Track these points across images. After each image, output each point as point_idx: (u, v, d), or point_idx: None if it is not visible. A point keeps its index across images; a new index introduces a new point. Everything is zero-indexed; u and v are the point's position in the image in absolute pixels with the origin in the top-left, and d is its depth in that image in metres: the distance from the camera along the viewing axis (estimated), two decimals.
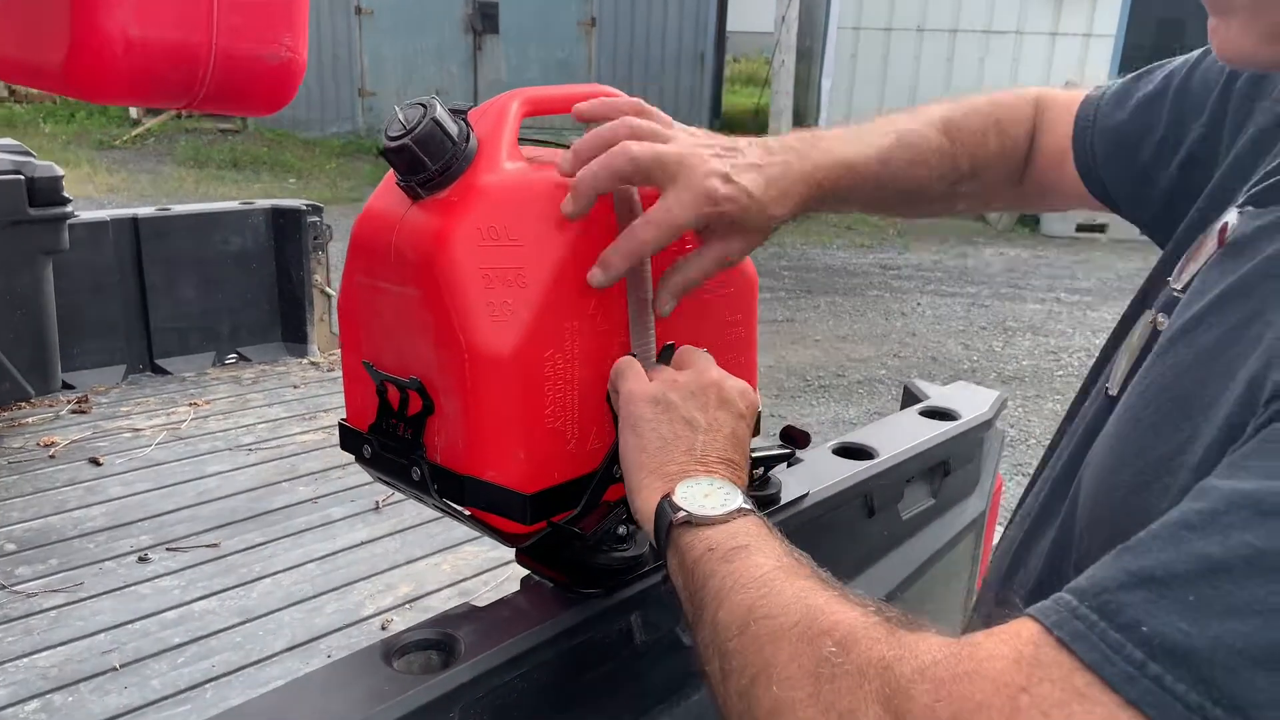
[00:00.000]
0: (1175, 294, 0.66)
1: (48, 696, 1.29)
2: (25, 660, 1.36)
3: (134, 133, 12.16)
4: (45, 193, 1.95)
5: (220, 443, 2.11)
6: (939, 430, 1.29)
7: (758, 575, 0.60)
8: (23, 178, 1.91)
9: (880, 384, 5.42)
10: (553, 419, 0.92)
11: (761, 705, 0.52)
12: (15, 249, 1.94)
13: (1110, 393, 0.70)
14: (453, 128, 0.89)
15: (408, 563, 1.65)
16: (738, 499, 0.69)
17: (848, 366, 5.70)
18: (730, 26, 15.43)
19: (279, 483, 1.92)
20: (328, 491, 1.89)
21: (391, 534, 1.73)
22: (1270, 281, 0.54)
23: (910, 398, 1.48)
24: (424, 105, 0.94)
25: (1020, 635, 0.44)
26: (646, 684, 0.95)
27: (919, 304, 7.02)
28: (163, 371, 2.50)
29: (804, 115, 12.02)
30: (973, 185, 0.94)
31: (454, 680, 0.80)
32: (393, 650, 0.82)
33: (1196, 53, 0.82)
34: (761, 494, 1.04)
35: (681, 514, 0.68)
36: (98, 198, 8.93)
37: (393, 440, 1.01)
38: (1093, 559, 0.46)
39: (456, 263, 0.86)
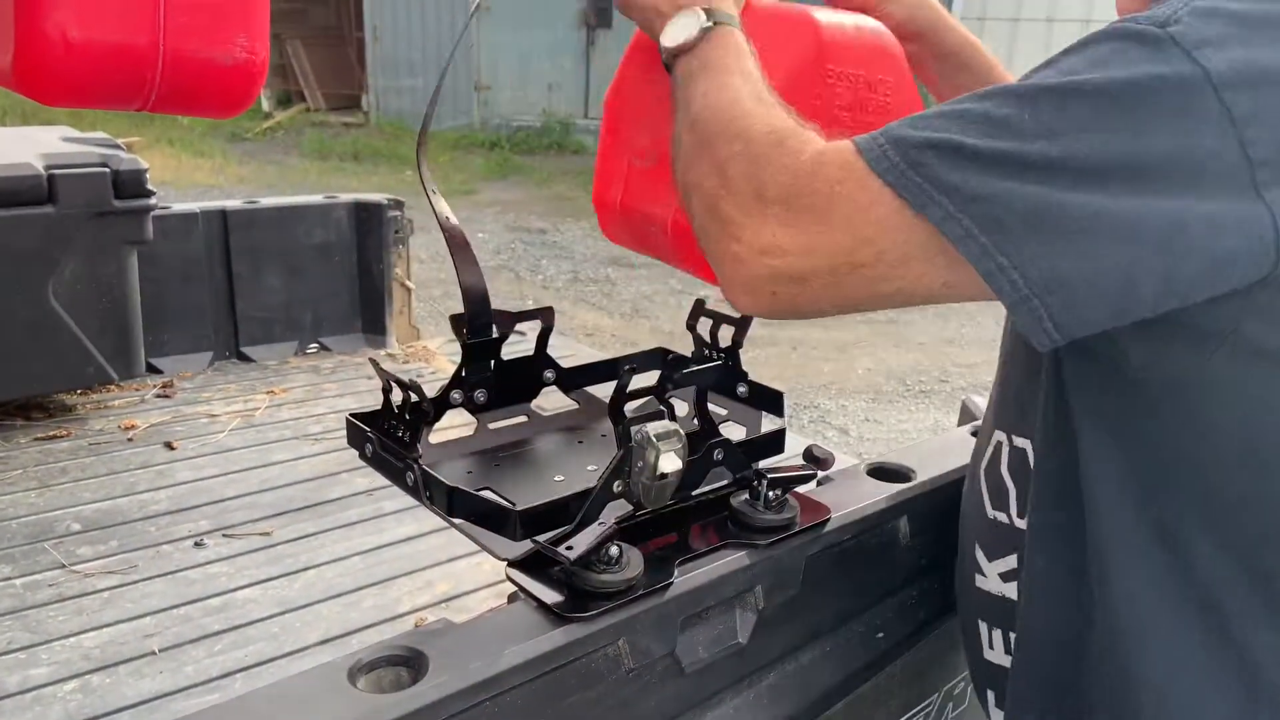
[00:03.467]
0: None
1: (87, 677, 1.33)
2: (72, 640, 1.41)
3: (264, 126, 12.71)
4: (130, 185, 2.02)
5: (289, 431, 2.16)
6: None
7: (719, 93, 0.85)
8: (109, 170, 1.99)
9: (985, 391, 5.19)
10: None
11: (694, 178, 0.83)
12: (100, 239, 2.02)
13: None
14: None
15: (449, 560, 1.65)
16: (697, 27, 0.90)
17: (952, 372, 5.48)
18: None
19: (338, 474, 1.95)
20: (383, 484, 1.90)
21: (437, 531, 1.73)
22: None
23: (967, 415, 1.38)
24: None
25: (846, 154, 0.74)
26: (635, 713, 0.90)
27: None
28: (247, 359, 2.58)
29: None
30: None
31: (416, 700, 0.77)
32: (359, 666, 0.80)
33: None
34: (777, 518, 0.98)
35: (665, 51, 0.92)
36: (228, 188, 9.37)
37: (392, 440, 0.99)
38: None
39: None
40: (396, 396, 1.00)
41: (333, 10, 14.40)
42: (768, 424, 1.12)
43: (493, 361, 1.12)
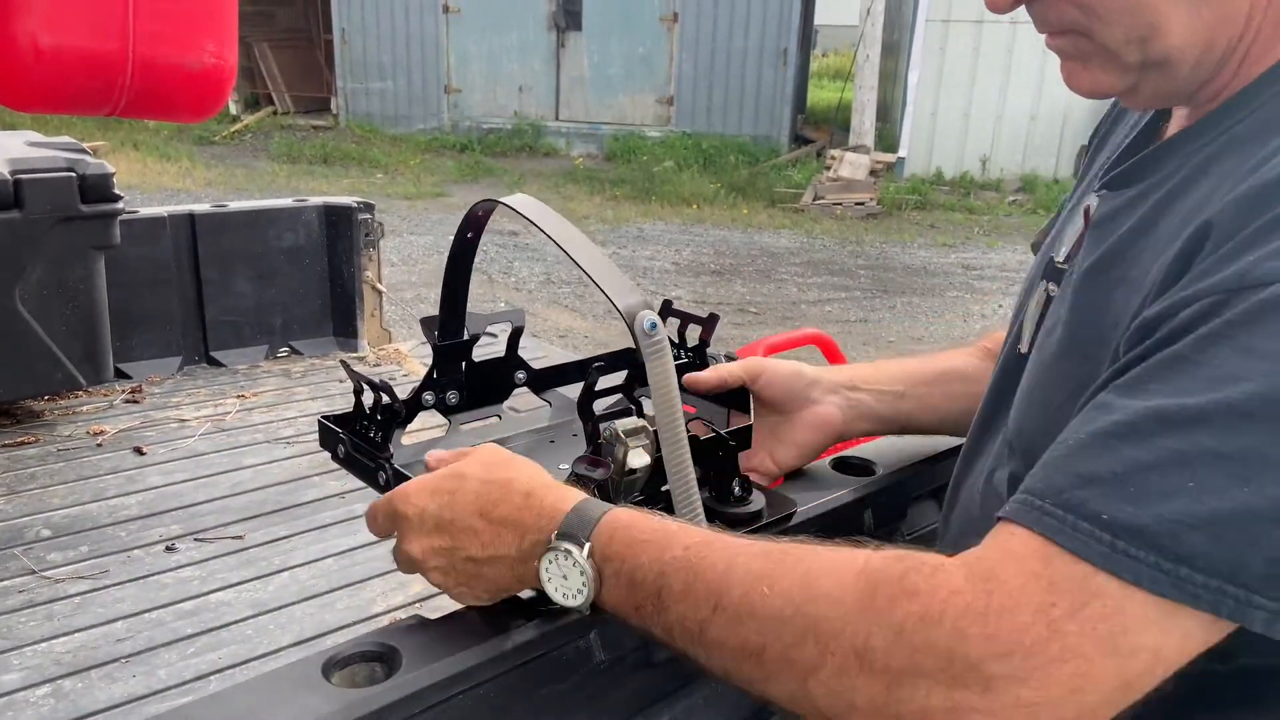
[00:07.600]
0: (1058, 266, 0.86)
1: (59, 682, 1.33)
2: (44, 645, 1.40)
3: (232, 129, 12.60)
4: (97, 189, 2.00)
5: (260, 435, 2.15)
6: (953, 445, 1.23)
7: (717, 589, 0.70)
8: (75, 175, 1.97)
9: None
10: None
11: (821, 695, 0.63)
12: (67, 244, 2.00)
13: (1022, 350, 0.89)
14: None
15: None
16: (581, 571, 0.77)
17: None
18: (822, 20, 15.21)
19: (310, 476, 1.95)
20: (355, 486, 1.90)
21: None
22: (1129, 249, 0.73)
23: None
24: None
25: (1022, 551, 0.58)
26: (607, 704, 0.92)
27: (1000, 306, 6.80)
28: (217, 363, 2.57)
29: (889, 110, 11.77)
30: None
31: (390, 695, 0.78)
32: (334, 662, 0.81)
33: None
34: (742, 511, 1.00)
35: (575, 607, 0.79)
36: (196, 191, 9.28)
37: (364, 441, 1.01)
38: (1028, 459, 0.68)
39: None
40: (368, 398, 1.01)
41: (300, 12, 14.30)
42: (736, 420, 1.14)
43: (464, 363, 1.14)
